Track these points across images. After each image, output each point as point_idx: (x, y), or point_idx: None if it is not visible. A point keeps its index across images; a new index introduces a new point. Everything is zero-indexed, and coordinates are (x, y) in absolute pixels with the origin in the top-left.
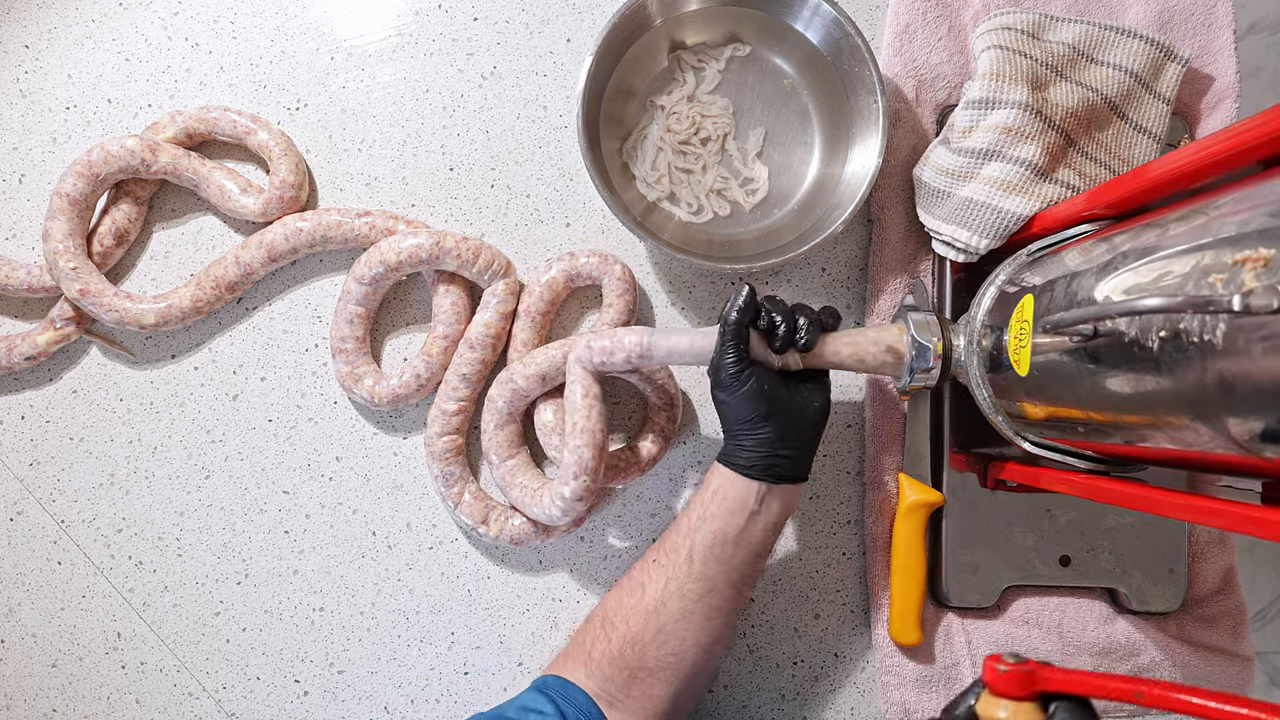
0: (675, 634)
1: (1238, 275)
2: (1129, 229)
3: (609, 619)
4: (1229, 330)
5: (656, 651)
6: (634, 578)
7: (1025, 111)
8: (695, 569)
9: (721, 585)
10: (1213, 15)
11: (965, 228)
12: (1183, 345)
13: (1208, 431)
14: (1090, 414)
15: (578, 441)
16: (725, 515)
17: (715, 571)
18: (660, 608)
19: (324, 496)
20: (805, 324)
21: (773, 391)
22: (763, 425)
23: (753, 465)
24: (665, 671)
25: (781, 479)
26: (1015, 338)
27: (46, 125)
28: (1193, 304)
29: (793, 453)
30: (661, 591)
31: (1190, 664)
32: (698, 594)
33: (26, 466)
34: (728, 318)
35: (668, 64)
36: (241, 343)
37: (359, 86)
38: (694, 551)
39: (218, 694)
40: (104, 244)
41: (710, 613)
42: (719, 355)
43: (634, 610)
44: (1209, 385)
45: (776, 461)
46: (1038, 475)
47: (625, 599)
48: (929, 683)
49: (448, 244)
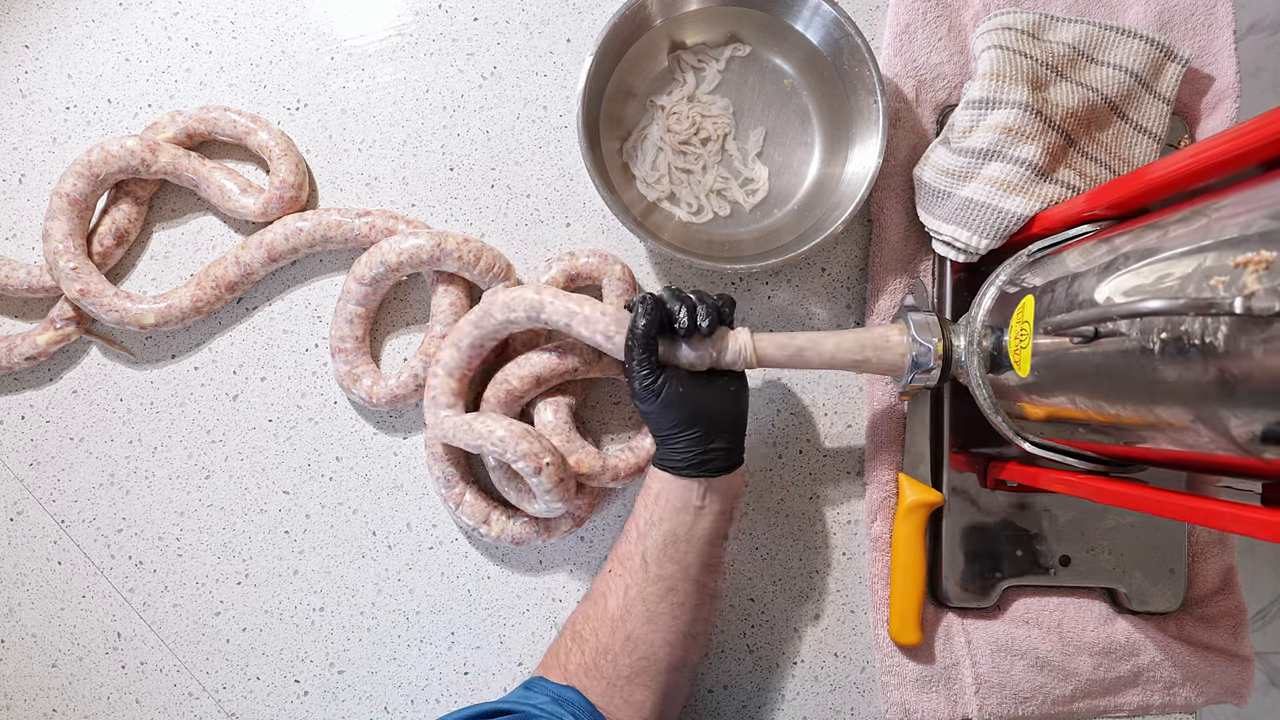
0: (643, 639)
1: (1239, 277)
2: (1130, 230)
3: (578, 633)
4: (1230, 332)
5: (628, 659)
6: (596, 590)
7: (1025, 111)
8: (652, 572)
9: (681, 582)
10: (1213, 15)
11: (965, 228)
12: (1184, 347)
13: (1208, 433)
14: (1091, 415)
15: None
16: (672, 516)
17: (672, 570)
18: (625, 615)
19: (324, 496)
20: (704, 310)
21: (690, 393)
22: (689, 428)
23: (687, 466)
24: (642, 676)
25: (718, 472)
26: (1016, 338)
27: (46, 125)
28: (1194, 306)
29: (724, 445)
30: (623, 599)
31: (1190, 664)
32: (659, 595)
33: (26, 466)
34: (635, 328)
35: (668, 64)
36: (241, 343)
37: (359, 86)
38: (647, 555)
39: (218, 694)
40: (104, 244)
41: (675, 610)
42: (631, 368)
43: (600, 621)
44: (1210, 387)
45: (710, 458)
46: (1037, 475)
47: (590, 611)
48: (929, 683)
49: (449, 245)
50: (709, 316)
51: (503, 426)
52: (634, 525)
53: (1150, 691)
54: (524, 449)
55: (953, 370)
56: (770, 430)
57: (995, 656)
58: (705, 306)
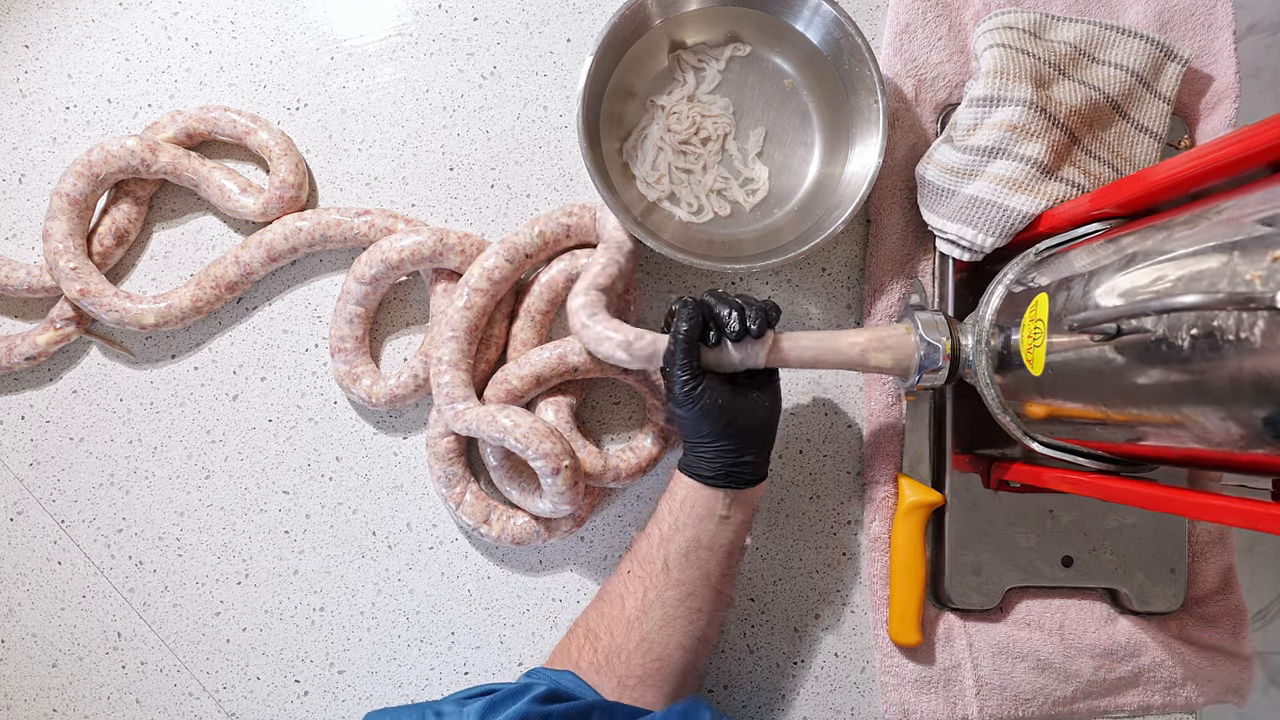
0: (659, 641)
1: (1277, 272)
2: (1138, 230)
3: (592, 630)
4: (1268, 327)
5: (642, 659)
6: (612, 590)
7: (1030, 109)
8: (673, 576)
9: (701, 588)
10: (1213, 15)
11: (971, 226)
12: (1216, 343)
13: (1238, 429)
14: (1109, 413)
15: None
16: (697, 523)
17: (693, 576)
18: (642, 617)
19: (324, 496)
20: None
21: (727, 404)
22: (721, 439)
23: (715, 475)
24: (655, 678)
25: (746, 484)
26: (1029, 337)
27: (46, 125)
28: (1232, 301)
29: (753, 458)
30: (641, 601)
31: (1191, 663)
32: (678, 599)
33: (26, 466)
34: (678, 331)
35: (668, 64)
36: (241, 343)
37: (359, 86)
38: (670, 560)
39: (218, 694)
40: (104, 244)
41: (693, 616)
42: (671, 373)
43: (616, 621)
44: (1243, 383)
45: (739, 470)
46: (1042, 475)
47: (606, 611)
48: (929, 683)
49: (450, 241)
50: (759, 319)
51: (527, 422)
52: (656, 529)
53: (1151, 691)
54: (546, 448)
55: (960, 370)
56: None
57: (997, 659)
58: (754, 309)
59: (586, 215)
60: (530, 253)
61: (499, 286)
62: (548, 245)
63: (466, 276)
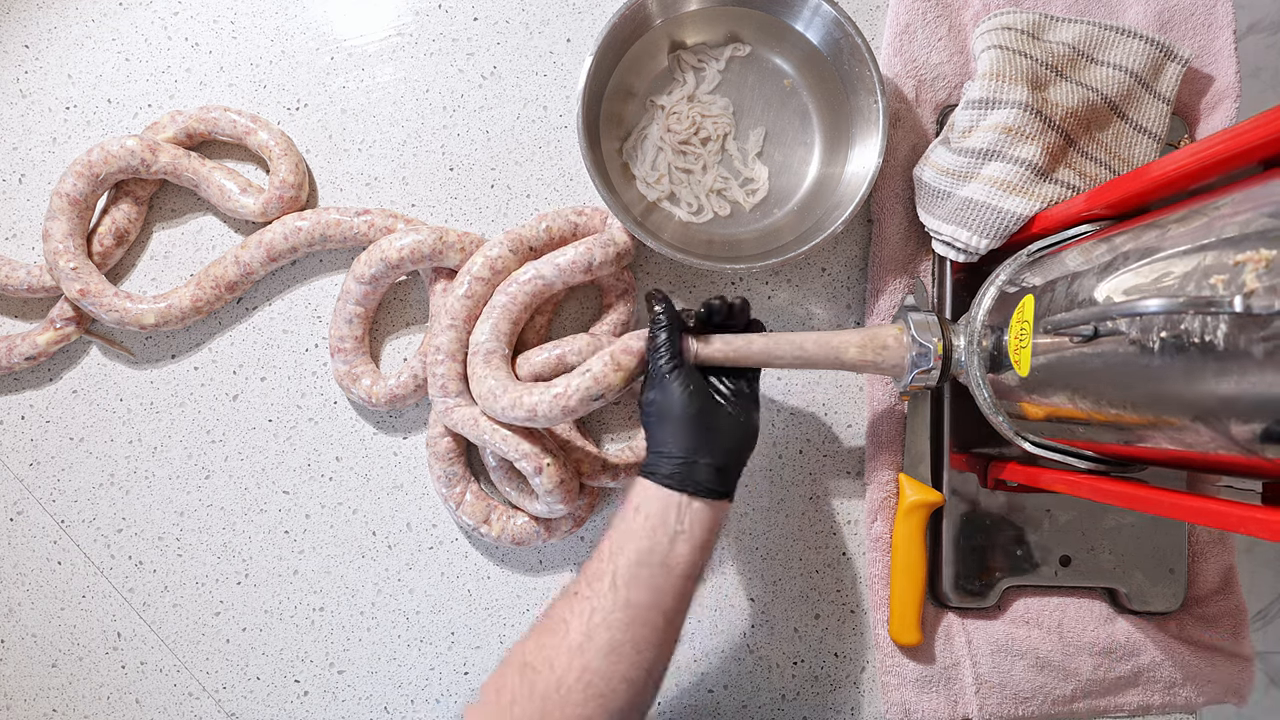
0: (601, 673)
1: (1239, 276)
2: (1130, 229)
3: (529, 664)
4: (1230, 331)
5: (581, 695)
6: (555, 615)
7: (1025, 111)
8: (620, 595)
9: (651, 613)
10: (1213, 15)
11: (965, 228)
12: (1183, 346)
13: (1208, 432)
14: (1091, 414)
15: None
16: (648, 533)
17: (643, 598)
18: (585, 643)
19: (324, 496)
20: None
21: (701, 394)
22: (688, 427)
23: (673, 474)
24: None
25: (701, 489)
26: (1016, 338)
27: (46, 125)
28: (1194, 305)
29: (715, 461)
30: (586, 624)
31: (1190, 664)
32: (625, 623)
33: (26, 466)
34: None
35: (668, 64)
36: (241, 343)
37: (359, 86)
38: (618, 576)
39: (218, 694)
40: (104, 244)
41: (640, 645)
42: (653, 349)
43: (557, 651)
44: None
45: (698, 469)
46: (1038, 475)
47: (547, 640)
48: (929, 683)
49: (450, 239)
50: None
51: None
52: (606, 541)
53: (1150, 691)
54: (525, 448)
55: (952, 370)
56: (770, 430)
57: (995, 657)
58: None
59: (597, 218)
60: (535, 246)
61: (500, 277)
62: (553, 242)
63: (469, 264)
